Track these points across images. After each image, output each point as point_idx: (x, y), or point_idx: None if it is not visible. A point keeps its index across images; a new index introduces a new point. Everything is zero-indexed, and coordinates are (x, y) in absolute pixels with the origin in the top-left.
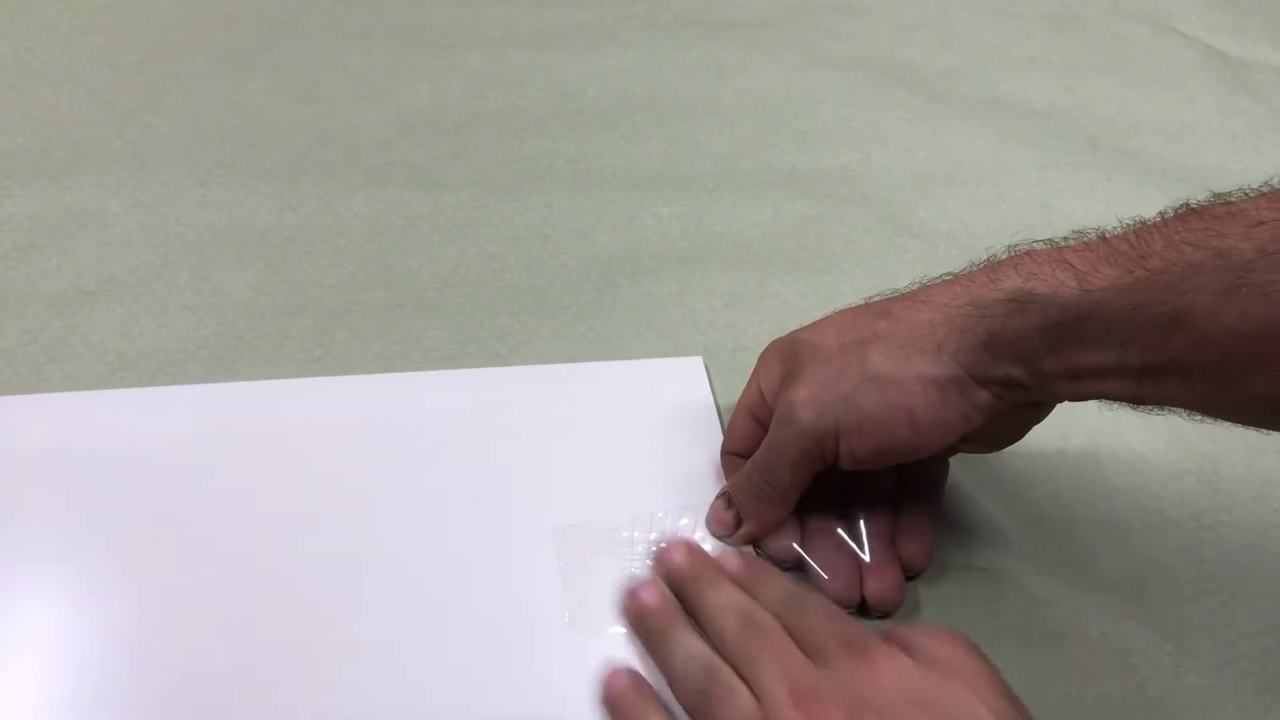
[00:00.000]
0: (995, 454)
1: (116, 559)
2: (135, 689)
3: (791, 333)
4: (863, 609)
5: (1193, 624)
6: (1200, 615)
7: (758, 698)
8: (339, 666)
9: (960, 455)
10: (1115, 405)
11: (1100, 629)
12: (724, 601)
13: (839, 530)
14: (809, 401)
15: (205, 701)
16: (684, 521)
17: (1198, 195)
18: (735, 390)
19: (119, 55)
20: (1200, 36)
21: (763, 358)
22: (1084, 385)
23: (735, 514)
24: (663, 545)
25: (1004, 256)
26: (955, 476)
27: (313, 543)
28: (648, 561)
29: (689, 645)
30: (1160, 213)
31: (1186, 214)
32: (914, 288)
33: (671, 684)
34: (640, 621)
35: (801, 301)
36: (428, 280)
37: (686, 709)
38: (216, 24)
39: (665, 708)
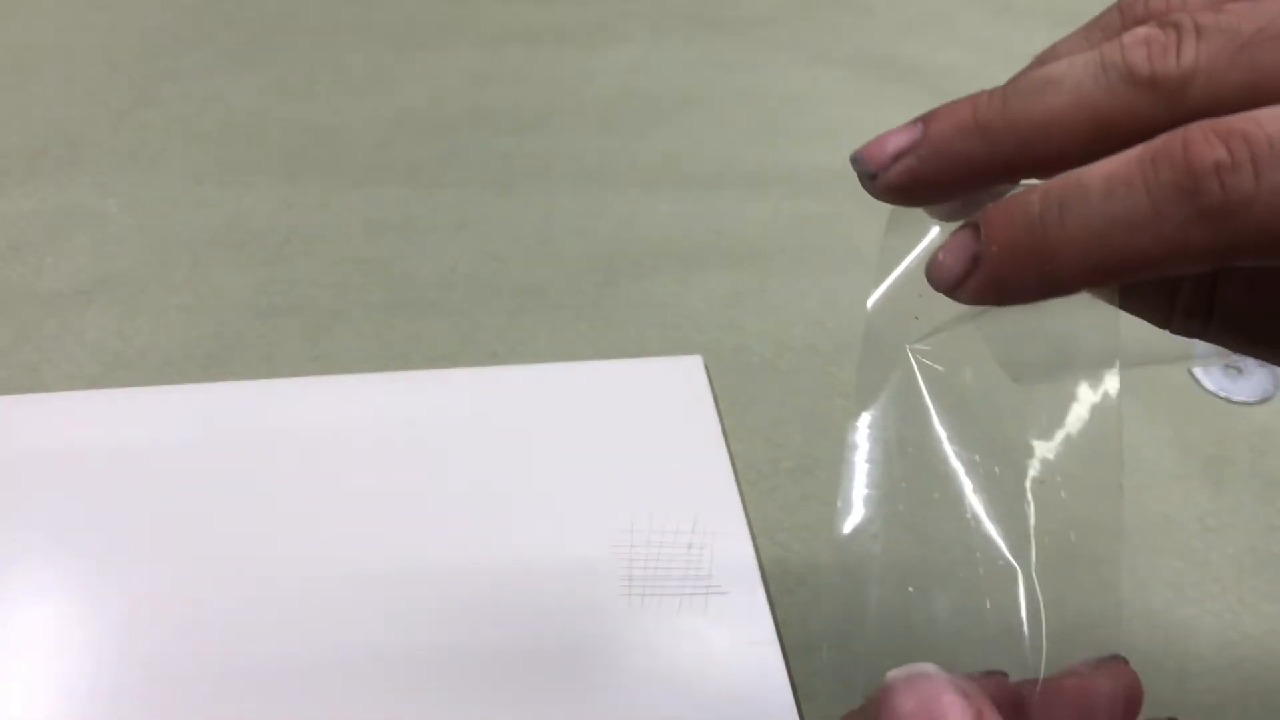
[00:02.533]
0: None
1: (112, 559)
2: (133, 690)
3: None
4: None
5: (1197, 626)
6: (1205, 617)
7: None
8: (338, 666)
9: None
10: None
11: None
12: None
13: None
14: None
15: (204, 702)
16: (682, 520)
17: None
18: (735, 390)
19: (115, 53)
20: None
21: None
22: None
23: None
24: None
25: None
26: None
27: (311, 542)
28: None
29: None
30: None
31: None
32: None
33: None
34: None
35: (803, 300)
36: (426, 279)
37: None
38: (213, 22)
39: None
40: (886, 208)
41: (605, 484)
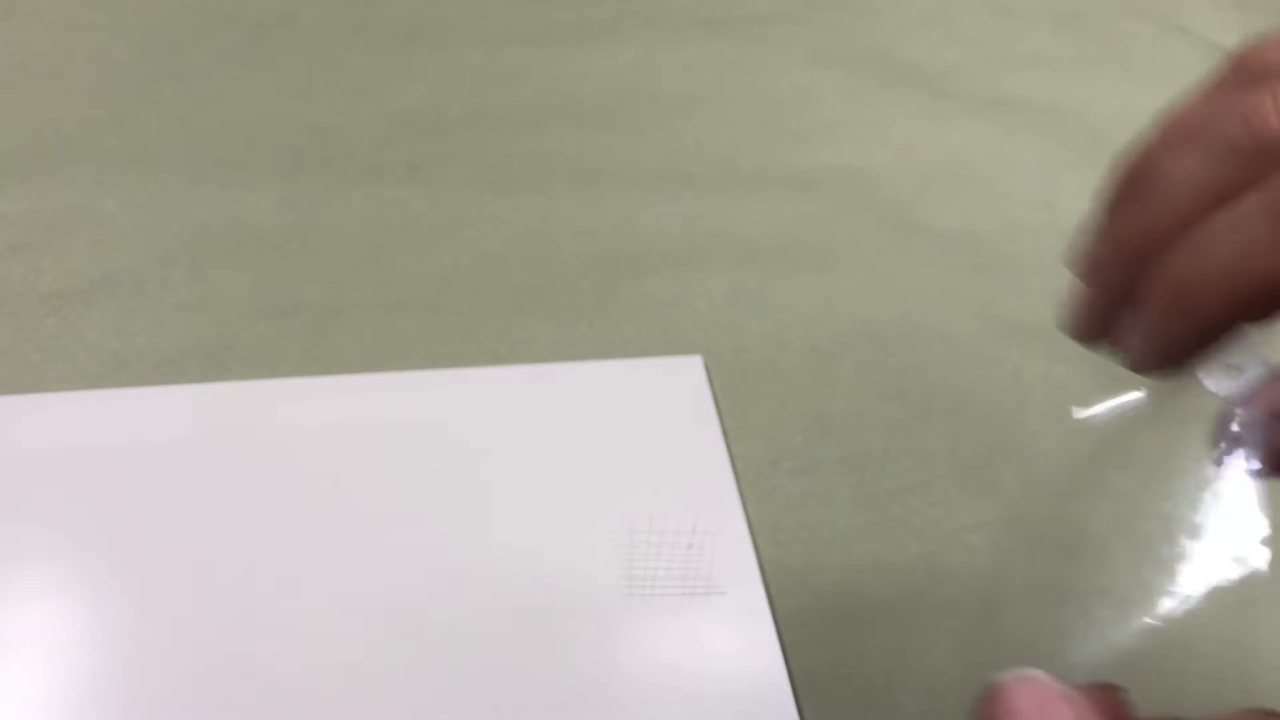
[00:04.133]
0: (984, 462)
1: (112, 559)
2: (132, 691)
3: None
4: None
5: (1198, 626)
6: (1205, 618)
7: None
8: (338, 666)
9: None
10: None
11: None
12: None
13: None
14: None
15: (205, 701)
16: (682, 520)
17: None
18: (736, 390)
19: (114, 52)
20: (1205, 34)
21: None
22: None
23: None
24: None
25: None
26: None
27: (310, 543)
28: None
29: None
30: None
31: None
32: None
33: None
34: None
35: (804, 300)
36: (425, 279)
37: None
38: (212, 21)
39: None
40: (884, 208)
41: (605, 484)
